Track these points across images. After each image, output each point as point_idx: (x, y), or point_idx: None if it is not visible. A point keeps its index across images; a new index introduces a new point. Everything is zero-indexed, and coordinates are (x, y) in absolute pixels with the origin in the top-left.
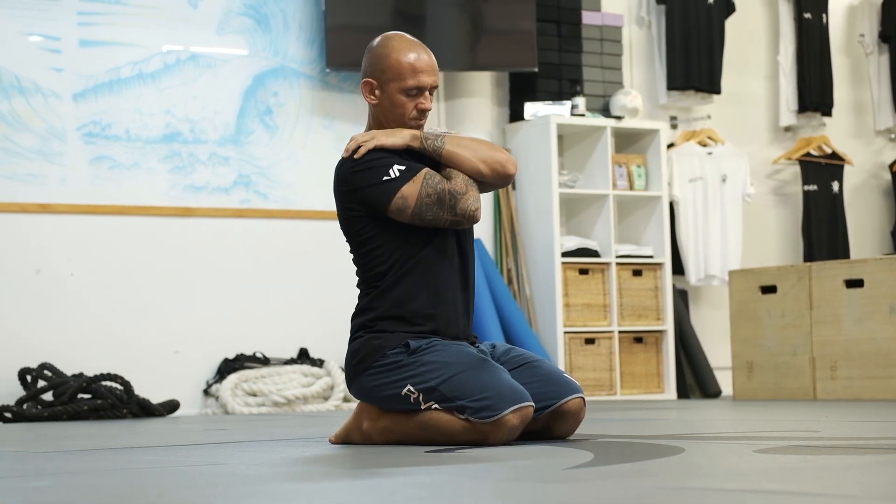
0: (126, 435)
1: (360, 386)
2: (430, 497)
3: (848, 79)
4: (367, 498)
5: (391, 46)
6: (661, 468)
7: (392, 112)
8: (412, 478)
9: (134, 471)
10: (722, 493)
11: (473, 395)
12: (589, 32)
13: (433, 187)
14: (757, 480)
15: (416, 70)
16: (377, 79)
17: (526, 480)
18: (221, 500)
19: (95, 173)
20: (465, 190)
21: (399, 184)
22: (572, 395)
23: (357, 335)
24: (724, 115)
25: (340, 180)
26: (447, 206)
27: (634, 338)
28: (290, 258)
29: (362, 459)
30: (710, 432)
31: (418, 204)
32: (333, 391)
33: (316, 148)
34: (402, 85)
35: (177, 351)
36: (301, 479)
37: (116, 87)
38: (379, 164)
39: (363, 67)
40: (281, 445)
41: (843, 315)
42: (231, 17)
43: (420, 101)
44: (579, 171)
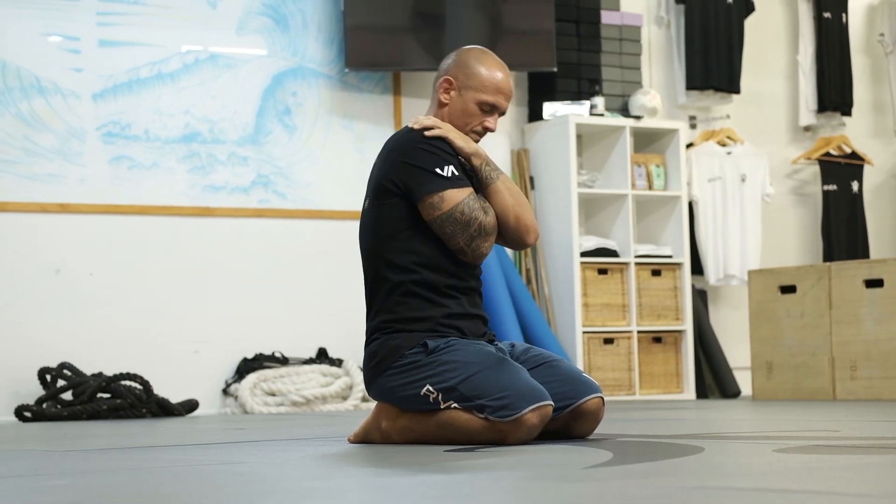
0: (145, 434)
1: (380, 387)
2: (447, 496)
3: (867, 78)
4: (385, 496)
5: (484, 59)
6: (681, 467)
7: (459, 118)
8: (430, 476)
9: (152, 470)
10: (741, 492)
11: (492, 394)
12: (608, 32)
13: (471, 209)
14: (776, 479)
15: (500, 90)
16: (459, 81)
17: (545, 480)
18: (239, 499)
19: (115, 173)
20: (491, 232)
21: (447, 184)
22: (591, 395)
23: (373, 337)
24: (743, 115)
25: (398, 149)
26: (470, 234)
27: (653, 338)
28: (308, 258)
29: (380, 458)
30: (730, 432)
31: (450, 213)
32: (352, 391)
33: (335, 148)
34: (482, 97)
35: (196, 350)
36: (319, 477)
37: (136, 87)
38: (441, 154)
39: (447, 65)
40: (299, 444)
41: (862, 315)
42: (250, 18)
43: (488, 120)
44: (598, 170)
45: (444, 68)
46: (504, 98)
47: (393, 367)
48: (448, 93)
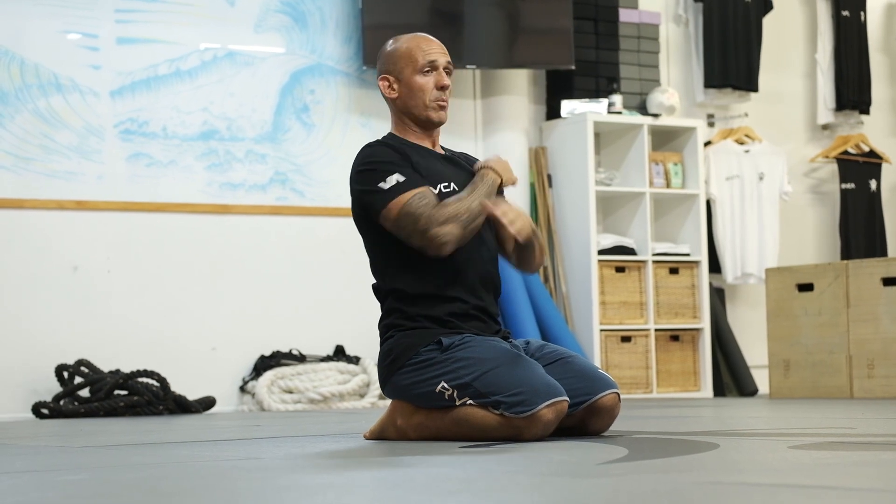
0: (161, 431)
1: (394, 385)
2: (462, 491)
3: (886, 77)
4: (399, 492)
5: (399, 40)
6: (696, 463)
7: (413, 98)
8: (445, 471)
9: (168, 465)
10: (756, 487)
11: (508, 390)
12: (626, 30)
13: (415, 206)
14: (791, 475)
15: (426, 50)
16: (392, 72)
17: (560, 475)
18: (255, 493)
19: (132, 171)
20: (444, 220)
21: (390, 195)
22: (607, 391)
23: (388, 335)
24: (761, 113)
25: (351, 178)
26: (419, 228)
27: (671, 336)
28: (326, 255)
29: (395, 454)
30: (745, 429)
31: (397, 218)
32: (369, 388)
33: (353, 145)
34: (417, 65)
35: (213, 348)
36: (334, 472)
37: (154, 84)
38: (381, 167)
39: (378, 70)
40: (315, 441)
41: (880, 313)
42: (268, 15)
43: (438, 78)
44: (616, 168)
45: (377, 75)
46: (436, 53)
47: (408, 365)
48: (391, 87)
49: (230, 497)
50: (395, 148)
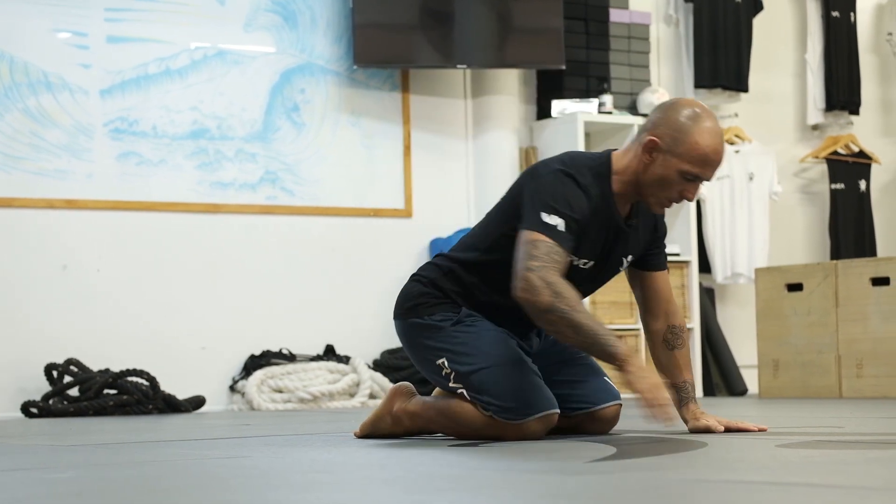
0: (150, 430)
1: (402, 329)
2: (452, 488)
3: (876, 77)
4: (389, 489)
5: (698, 125)
6: (684, 461)
7: (657, 184)
8: (435, 469)
9: (156, 463)
10: (743, 485)
11: (500, 395)
12: (616, 30)
13: (547, 252)
14: (779, 473)
15: (709, 162)
16: (665, 143)
17: (549, 472)
18: (243, 492)
19: (122, 169)
20: (555, 295)
21: (541, 227)
22: (610, 403)
23: (424, 282)
24: (751, 114)
25: (530, 186)
26: (527, 266)
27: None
28: (316, 255)
29: (385, 452)
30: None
31: (524, 246)
32: (359, 388)
33: (343, 145)
34: (686, 168)
35: (203, 347)
36: (323, 471)
37: (144, 83)
38: (562, 197)
39: (654, 121)
40: (305, 440)
41: (869, 313)
42: (258, 14)
43: (688, 189)
44: None
45: (653, 123)
46: (711, 170)
47: (422, 319)
48: (650, 153)
49: (219, 494)
50: (588, 197)
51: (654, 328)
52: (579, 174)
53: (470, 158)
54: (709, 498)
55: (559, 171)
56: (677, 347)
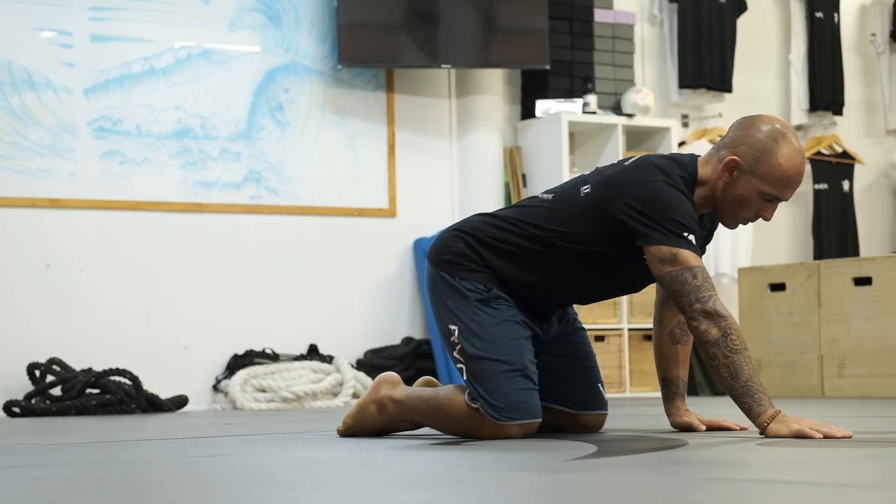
0: (133, 429)
1: (430, 275)
2: (432, 486)
3: (859, 78)
4: (370, 486)
5: (782, 147)
6: (664, 460)
7: (735, 203)
8: (415, 467)
9: (138, 461)
10: (723, 482)
11: (493, 392)
12: (601, 30)
13: (706, 278)
14: (758, 471)
15: (790, 184)
16: (747, 163)
17: (528, 470)
18: (224, 490)
19: (106, 168)
20: (714, 317)
21: (687, 245)
22: (596, 412)
23: (469, 243)
24: (735, 114)
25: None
26: (691, 298)
27: (644, 335)
28: (300, 254)
29: (366, 450)
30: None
31: (682, 272)
32: (343, 388)
33: (327, 144)
34: (766, 189)
35: (186, 346)
36: (305, 467)
37: (128, 82)
38: (683, 213)
39: (737, 138)
40: (287, 439)
41: (851, 313)
42: (243, 13)
43: (766, 210)
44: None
45: (734, 140)
46: (791, 191)
47: (453, 277)
48: (730, 173)
49: (200, 492)
50: (693, 209)
51: (666, 320)
52: (681, 186)
53: (454, 158)
54: (688, 496)
55: (665, 182)
56: (681, 343)
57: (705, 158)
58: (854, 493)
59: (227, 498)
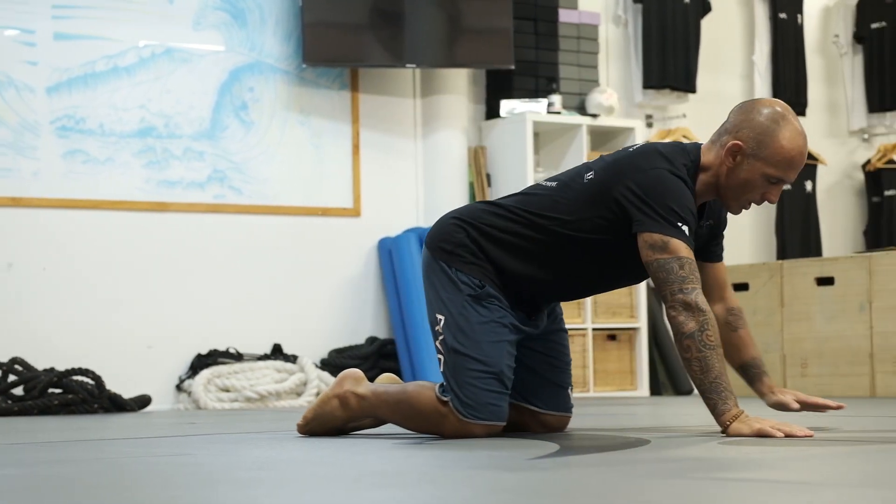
0: (95, 429)
1: (427, 260)
2: (393, 485)
3: (822, 79)
4: (331, 485)
5: (784, 129)
6: (626, 458)
7: (739, 188)
8: (376, 465)
9: (99, 461)
10: (684, 480)
11: (465, 389)
12: (566, 31)
13: (693, 271)
14: (719, 469)
15: (794, 165)
16: (749, 147)
17: (490, 468)
18: (186, 488)
19: (69, 167)
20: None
21: (679, 235)
22: (560, 413)
23: (469, 234)
24: (699, 114)
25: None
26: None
27: (608, 335)
28: (264, 254)
29: (327, 448)
30: (678, 426)
31: (669, 261)
32: (306, 387)
33: (291, 143)
34: (769, 171)
35: (150, 346)
36: (267, 466)
37: (91, 81)
38: (681, 203)
39: (737, 123)
40: (250, 438)
41: (813, 313)
42: (207, 12)
43: (771, 191)
44: (555, 168)
45: (735, 125)
46: (794, 172)
47: (449, 267)
48: (734, 157)
49: (161, 491)
50: (693, 199)
51: (716, 312)
52: (685, 177)
53: (419, 158)
54: (646, 493)
55: (668, 171)
56: (740, 327)
57: (708, 146)
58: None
59: (189, 497)
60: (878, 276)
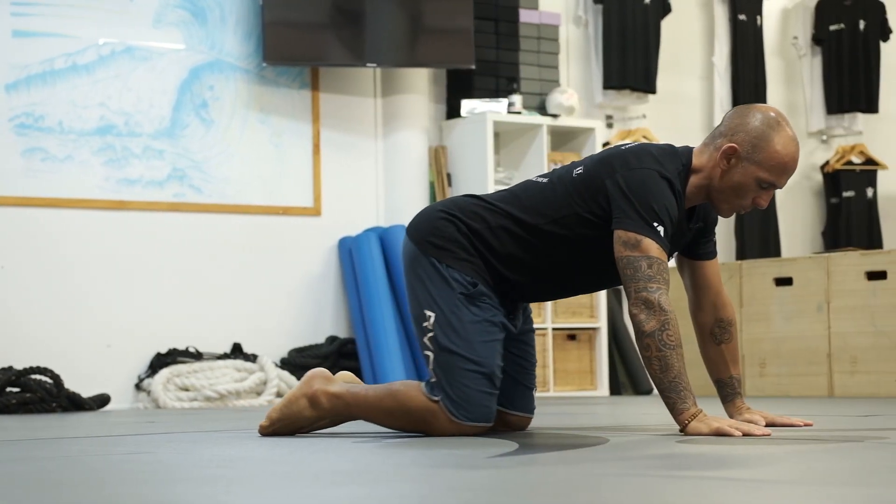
0: (53, 427)
1: (412, 254)
2: (349, 482)
3: (781, 80)
4: (289, 483)
5: (779, 135)
6: (584, 456)
7: (731, 191)
8: (335, 464)
9: (57, 459)
10: (642, 478)
11: (457, 390)
12: (526, 31)
13: (662, 272)
14: (677, 468)
15: (786, 170)
16: (744, 150)
17: (448, 467)
18: (143, 486)
19: (27, 165)
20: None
21: (654, 235)
22: (521, 413)
23: (460, 229)
24: (659, 115)
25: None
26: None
27: (568, 335)
28: (224, 253)
29: (286, 446)
30: (637, 425)
31: (638, 259)
32: (266, 386)
33: (251, 142)
34: (763, 175)
35: (109, 345)
36: (225, 464)
37: (50, 78)
38: (662, 204)
39: (732, 127)
40: (209, 437)
41: (772, 313)
42: (167, 10)
43: (762, 197)
44: (515, 168)
45: (730, 128)
46: (787, 178)
47: (439, 263)
48: (728, 160)
49: (119, 488)
50: (679, 206)
51: (701, 321)
52: (673, 179)
53: (379, 157)
54: (605, 491)
55: (657, 172)
56: (724, 342)
57: (700, 149)
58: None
59: (147, 494)
60: (835, 277)
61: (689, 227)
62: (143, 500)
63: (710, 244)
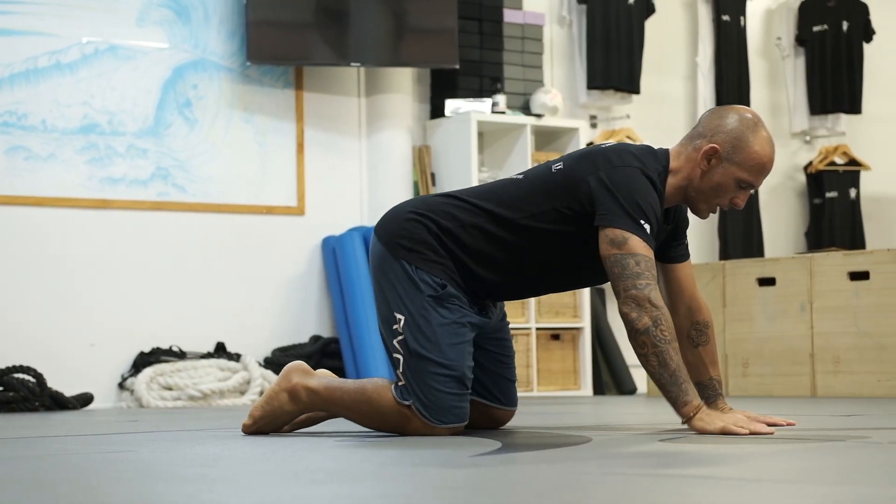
0: (36, 426)
1: (380, 255)
2: (331, 481)
3: (765, 81)
4: (271, 482)
5: (757, 135)
6: (566, 455)
7: (709, 191)
8: (317, 462)
9: (40, 458)
10: (624, 477)
11: (428, 394)
12: (510, 31)
13: (649, 268)
14: (659, 466)
15: (764, 171)
16: (724, 151)
17: (431, 466)
18: (126, 484)
19: (10, 164)
20: (652, 319)
21: (640, 232)
22: (505, 407)
23: (431, 230)
24: (642, 115)
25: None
26: (632, 283)
27: (552, 335)
28: (207, 252)
29: (269, 445)
30: (619, 424)
31: (626, 257)
32: (250, 386)
33: (235, 141)
34: (742, 176)
35: (92, 344)
36: (207, 463)
37: (33, 77)
38: (647, 201)
39: (712, 129)
40: (192, 436)
41: (755, 313)
42: (151, 9)
43: (739, 197)
44: (499, 168)
45: (709, 129)
46: (763, 178)
47: (409, 265)
48: (708, 161)
49: (102, 487)
50: (659, 201)
51: (677, 325)
52: (655, 178)
53: (363, 157)
54: (587, 489)
55: (640, 170)
56: (702, 344)
57: (677, 150)
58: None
59: (130, 494)
60: (818, 277)
61: (665, 227)
62: (126, 499)
63: (682, 246)
